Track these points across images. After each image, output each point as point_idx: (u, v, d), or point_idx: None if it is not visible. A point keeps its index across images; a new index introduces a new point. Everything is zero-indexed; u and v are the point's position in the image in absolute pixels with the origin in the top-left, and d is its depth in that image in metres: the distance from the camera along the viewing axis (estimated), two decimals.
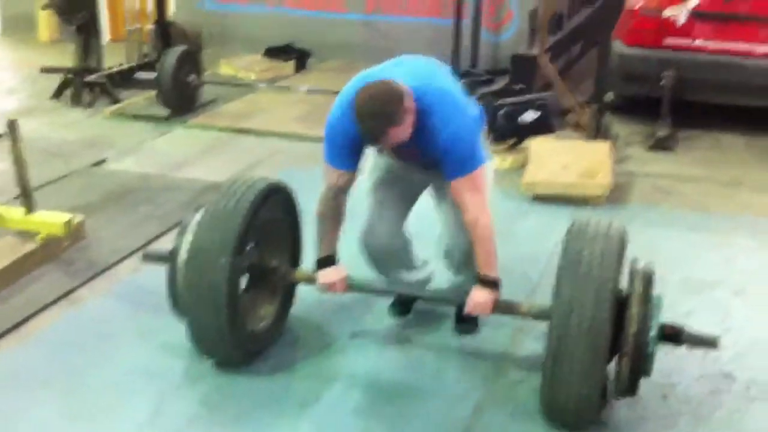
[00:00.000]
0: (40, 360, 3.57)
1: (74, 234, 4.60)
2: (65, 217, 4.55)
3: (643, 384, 3.06)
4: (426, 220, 3.72)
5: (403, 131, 3.07)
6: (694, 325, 3.22)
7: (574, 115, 6.63)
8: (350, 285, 3.47)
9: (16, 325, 3.82)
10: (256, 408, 3.25)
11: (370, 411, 3.26)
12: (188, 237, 3.36)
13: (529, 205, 5.31)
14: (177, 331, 3.51)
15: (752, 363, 3.59)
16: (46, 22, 10.33)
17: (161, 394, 3.32)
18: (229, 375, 3.43)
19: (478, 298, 3.24)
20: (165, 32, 8.16)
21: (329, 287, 3.45)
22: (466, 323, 3.76)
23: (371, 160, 3.59)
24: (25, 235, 4.46)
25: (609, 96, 6.80)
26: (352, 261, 3.59)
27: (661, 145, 6.50)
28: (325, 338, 3.76)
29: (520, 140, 6.12)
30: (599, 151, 5.85)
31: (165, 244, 4.00)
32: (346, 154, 3.31)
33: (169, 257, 3.43)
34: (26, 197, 4.49)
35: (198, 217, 3.39)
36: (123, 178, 5.78)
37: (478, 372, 3.51)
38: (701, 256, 4.65)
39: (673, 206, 5.42)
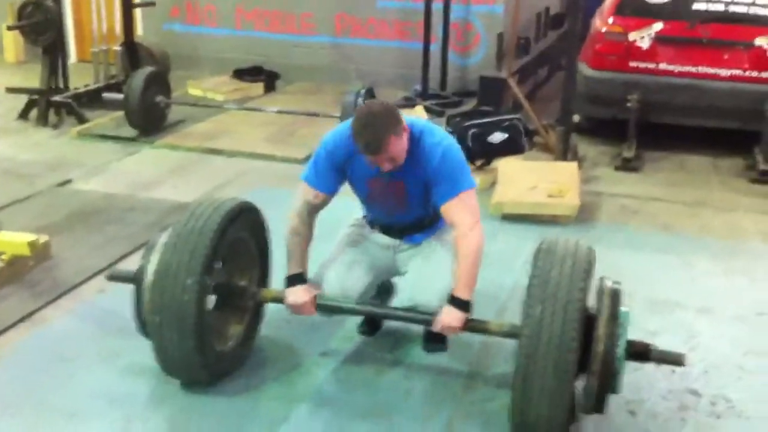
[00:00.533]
0: (4, 382, 3.51)
1: (39, 254, 4.54)
2: (30, 237, 4.50)
3: (611, 401, 3.08)
4: None
5: (401, 146, 3.22)
6: (661, 343, 3.24)
7: (541, 137, 6.70)
8: (319, 305, 3.45)
9: None
10: (224, 429, 3.21)
11: (339, 431, 3.23)
12: (155, 257, 3.32)
13: (497, 225, 5.34)
14: (142, 352, 3.47)
15: (718, 380, 3.62)
16: (12, 42, 10.24)
17: (126, 417, 3.27)
18: (196, 396, 3.39)
19: (448, 318, 3.23)
20: (132, 53, 8.14)
21: (299, 309, 3.43)
22: (435, 342, 3.76)
23: (343, 232, 3.72)
24: None
25: (575, 118, 6.87)
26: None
27: (628, 166, 6.59)
28: (294, 358, 3.74)
29: (489, 161, 6.17)
30: (567, 171, 5.90)
31: (131, 265, 3.95)
32: (329, 177, 3.42)
33: (135, 277, 3.40)
34: None
35: (165, 237, 3.36)
36: (89, 198, 5.73)
37: (447, 390, 3.51)
38: (666, 276, 4.69)
39: (639, 226, 5.49)
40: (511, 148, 6.16)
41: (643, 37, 6.93)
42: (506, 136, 6.12)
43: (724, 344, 3.95)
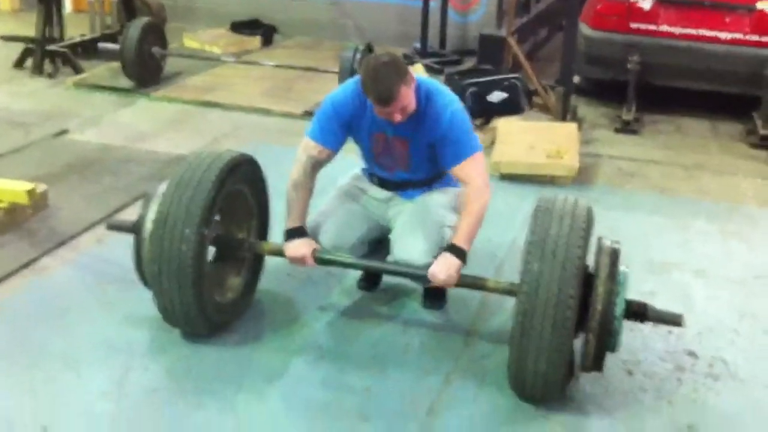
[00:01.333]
0: (2, 330, 3.51)
1: (37, 203, 4.53)
2: (28, 185, 4.48)
3: (609, 359, 3.10)
4: None
5: (410, 96, 3.22)
6: (657, 304, 3.25)
7: (540, 97, 6.66)
8: (318, 258, 3.46)
9: None
10: (222, 380, 3.23)
11: (338, 384, 3.25)
12: (153, 207, 3.31)
13: (495, 184, 5.24)
14: (142, 302, 3.48)
15: (715, 342, 3.65)
16: None
17: (125, 365, 3.28)
18: (195, 346, 3.41)
19: (444, 262, 3.22)
20: (128, 3, 8.05)
21: (298, 261, 3.43)
22: (434, 299, 3.77)
23: (340, 183, 3.73)
24: None
25: (575, 79, 6.84)
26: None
27: (627, 128, 6.57)
28: (293, 311, 3.75)
29: (488, 120, 6.14)
30: (566, 132, 5.88)
31: (128, 216, 3.94)
32: (334, 133, 3.43)
33: (134, 227, 3.39)
34: None
35: (163, 188, 3.35)
36: (85, 149, 5.69)
37: (445, 345, 3.53)
38: (663, 238, 4.71)
39: (636, 188, 5.49)
40: (510, 107, 6.13)
41: None
42: (506, 95, 6.08)
43: (720, 306, 3.97)
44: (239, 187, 3.50)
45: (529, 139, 5.68)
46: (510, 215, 4.78)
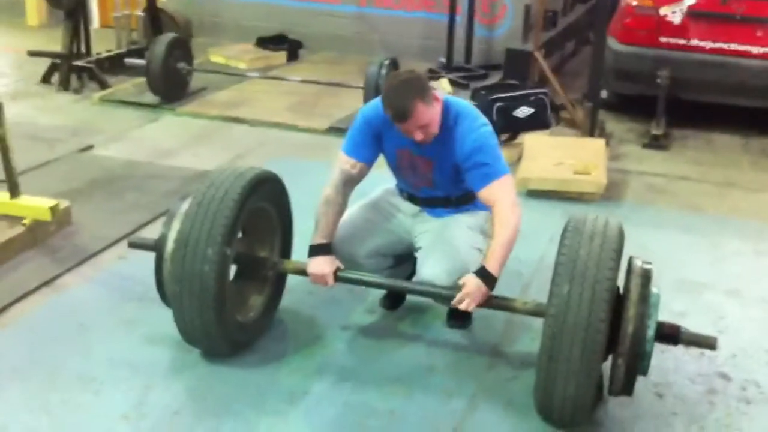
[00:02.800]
0: (20, 348, 3.48)
1: (60, 220, 4.51)
2: (51, 202, 4.46)
3: (639, 382, 3.01)
4: None
5: (430, 115, 3.18)
6: (689, 325, 3.15)
7: (567, 112, 6.58)
8: (341, 277, 3.40)
9: None
10: (244, 400, 3.18)
11: (361, 405, 3.18)
12: (175, 226, 3.27)
13: (522, 201, 5.13)
14: (162, 320, 3.44)
15: (748, 364, 3.54)
16: (35, 6, 10.22)
17: (145, 385, 3.24)
18: (216, 366, 3.36)
19: (471, 286, 3.14)
20: (155, 19, 8.07)
21: (319, 279, 3.38)
22: (458, 319, 3.70)
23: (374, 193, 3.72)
24: (11, 219, 4.36)
25: (603, 93, 6.75)
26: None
27: (656, 144, 6.46)
28: (315, 330, 3.69)
29: (514, 135, 6.07)
30: (594, 148, 5.80)
31: (152, 233, 3.91)
32: (366, 146, 3.41)
33: (156, 246, 3.35)
34: (11, 182, 4.39)
35: (185, 206, 3.31)
36: (110, 164, 5.69)
37: (470, 367, 3.45)
38: (694, 257, 4.60)
39: (666, 205, 5.38)
40: (537, 122, 6.06)
41: (674, 12, 6.77)
42: (532, 110, 6.02)
43: (753, 327, 3.87)
44: (262, 204, 3.45)
45: (556, 154, 5.60)
46: (537, 233, 4.69)
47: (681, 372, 3.45)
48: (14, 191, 4.41)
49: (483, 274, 3.14)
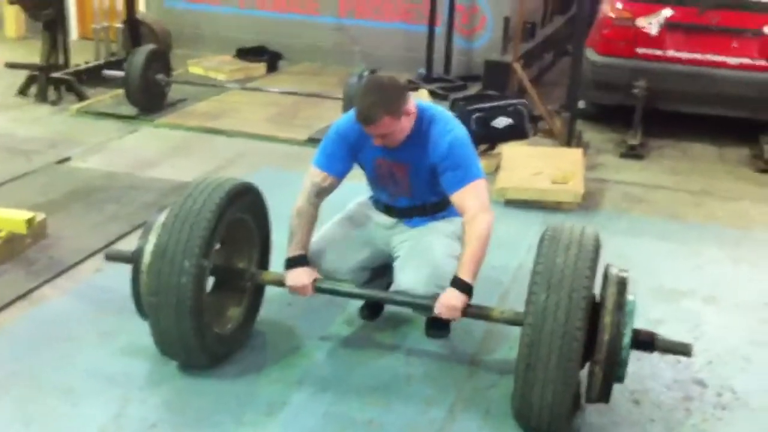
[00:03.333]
0: None
1: (36, 232, 4.48)
2: (27, 214, 4.43)
3: (616, 389, 3.03)
4: None
5: (397, 128, 3.22)
6: (666, 332, 3.20)
7: (545, 122, 6.62)
8: (319, 288, 3.40)
9: None
10: (222, 412, 3.16)
11: (340, 415, 3.18)
12: (152, 238, 3.26)
13: (500, 210, 5.26)
14: (140, 332, 3.42)
15: (724, 371, 3.57)
16: (13, 17, 10.15)
17: (123, 398, 3.22)
18: (194, 378, 3.34)
19: (449, 300, 3.17)
20: (134, 30, 8.05)
21: (297, 290, 3.38)
22: (437, 328, 3.70)
23: (347, 207, 3.72)
24: None
25: (580, 104, 6.80)
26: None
27: (633, 154, 6.51)
28: (294, 341, 3.68)
29: (493, 146, 6.09)
30: (571, 158, 5.84)
31: (130, 245, 3.89)
32: (338, 159, 3.42)
33: (133, 258, 3.33)
34: None
35: (162, 217, 3.30)
36: (88, 176, 5.66)
37: (449, 376, 3.46)
38: (671, 265, 4.64)
39: (643, 214, 5.42)
40: (515, 133, 6.08)
41: (651, 23, 6.84)
42: (510, 121, 6.04)
43: (730, 334, 3.90)
44: (241, 215, 3.45)
45: (534, 164, 5.63)
46: (515, 241, 4.72)
47: (657, 379, 3.47)
48: None
49: (457, 283, 3.17)
